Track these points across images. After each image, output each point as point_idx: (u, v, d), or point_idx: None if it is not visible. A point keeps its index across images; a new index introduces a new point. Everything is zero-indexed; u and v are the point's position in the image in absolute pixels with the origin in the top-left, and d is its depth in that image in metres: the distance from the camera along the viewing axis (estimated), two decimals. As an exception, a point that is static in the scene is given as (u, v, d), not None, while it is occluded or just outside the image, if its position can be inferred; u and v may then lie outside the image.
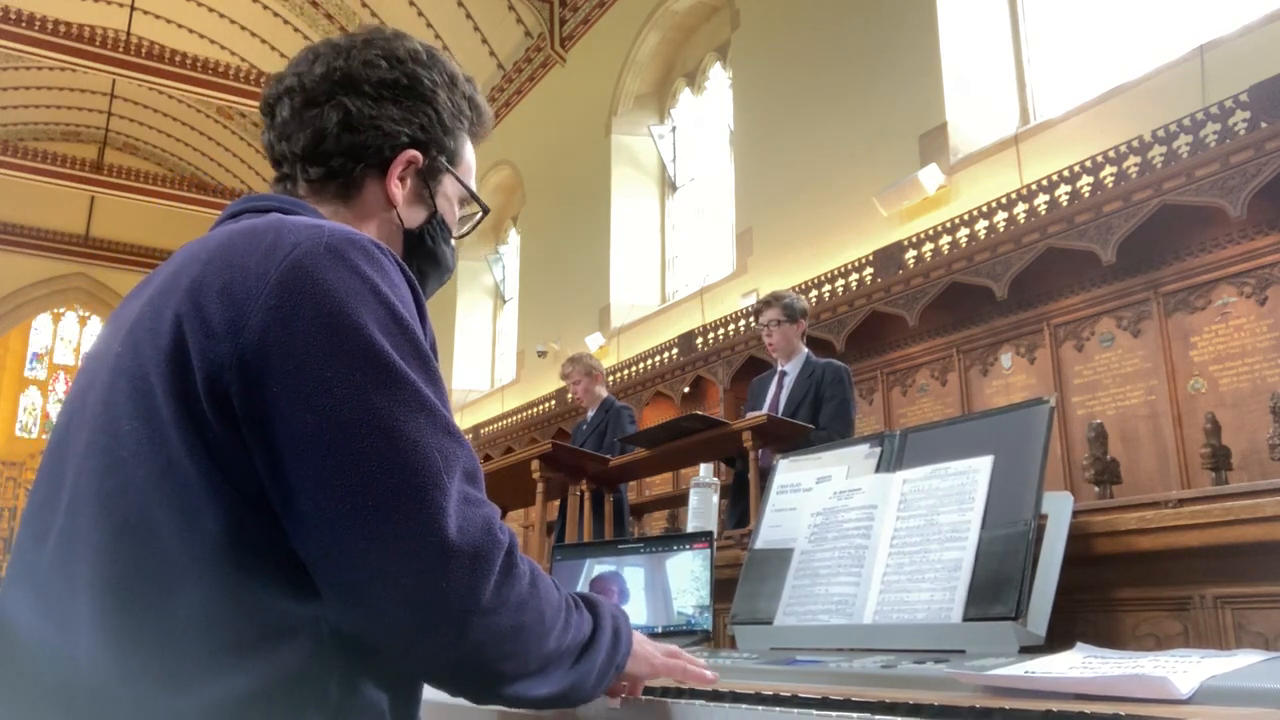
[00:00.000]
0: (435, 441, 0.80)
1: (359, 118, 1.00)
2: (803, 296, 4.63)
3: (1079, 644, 1.12)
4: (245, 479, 0.79)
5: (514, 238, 12.96)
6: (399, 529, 0.77)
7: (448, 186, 1.09)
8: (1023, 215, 5.58)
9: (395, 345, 0.81)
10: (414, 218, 1.07)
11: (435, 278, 1.12)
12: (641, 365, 8.82)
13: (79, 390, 0.91)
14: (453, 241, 1.12)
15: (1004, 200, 5.74)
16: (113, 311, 0.98)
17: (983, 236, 5.78)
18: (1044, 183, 5.52)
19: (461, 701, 0.86)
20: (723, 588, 1.90)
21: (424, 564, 0.77)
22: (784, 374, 4.05)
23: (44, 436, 19.72)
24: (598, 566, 1.94)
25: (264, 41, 14.60)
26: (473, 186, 1.12)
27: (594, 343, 9.73)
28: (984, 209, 5.84)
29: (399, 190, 1.04)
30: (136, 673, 0.75)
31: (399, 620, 0.78)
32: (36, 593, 0.82)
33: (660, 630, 1.80)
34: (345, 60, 1.02)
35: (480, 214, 1.16)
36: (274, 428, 0.78)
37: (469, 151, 1.12)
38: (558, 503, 4.88)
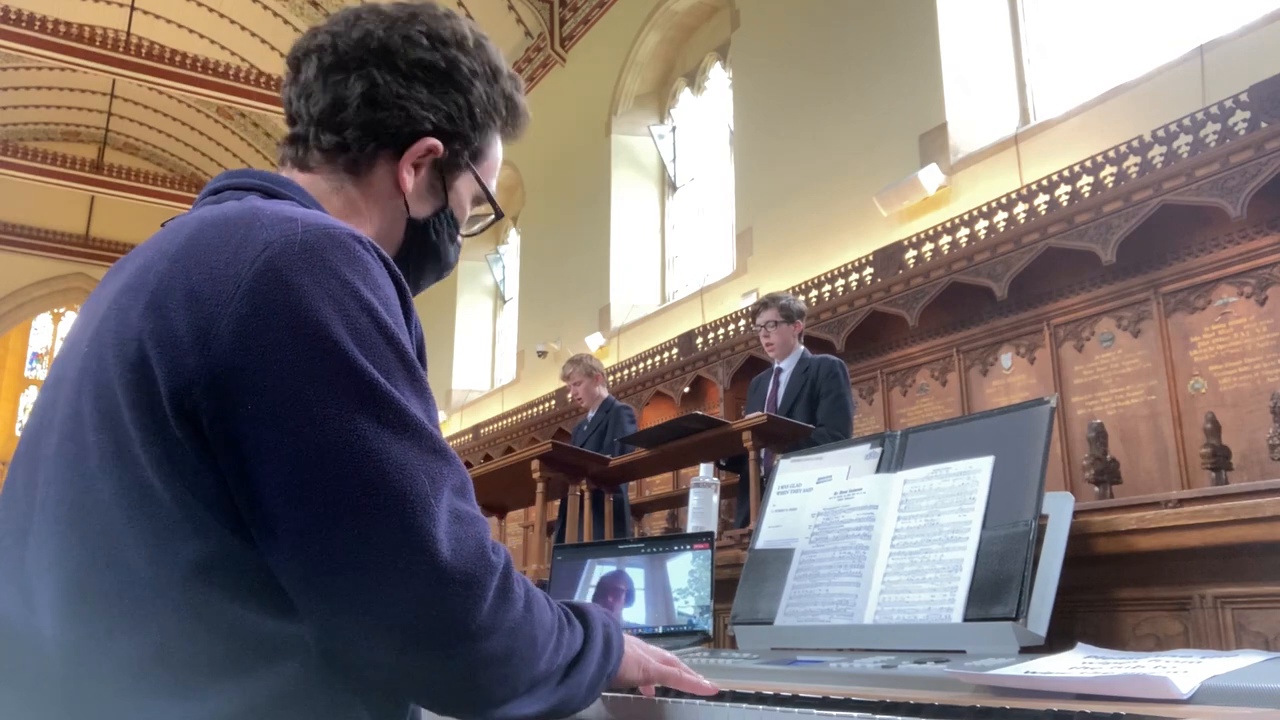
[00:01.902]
0: (422, 463, 0.76)
1: (384, 93, 0.95)
2: (799, 297, 4.65)
3: (1079, 644, 1.13)
4: (218, 499, 0.75)
5: (514, 238, 12.96)
6: (388, 557, 0.73)
7: (464, 182, 1.03)
8: (1023, 215, 5.59)
9: (378, 359, 0.77)
10: (422, 208, 1.01)
11: (433, 273, 1.06)
12: (641, 365, 8.82)
13: (51, 384, 0.86)
14: (459, 239, 1.07)
15: (1004, 200, 5.74)
16: (95, 290, 0.92)
17: (983, 236, 5.78)
18: (1044, 183, 5.52)
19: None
20: (723, 588, 1.90)
21: (416, 590, 0.74)
22: (780, 371, 4.08)
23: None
24: (598, 567, 1.94)
25: (264, 41, 14.59)
26: (492, 187, 1.05)
27: (594, 343, 9.73)
28: (984, 209, 5.84)
29: (410, 177, 0.98)
30: (117, 691, 0.72)
31: (388, 645, 0.75)
32: (22, 591, 0.79)
33: (660, 631, 1.80)
34: (386, 30, 0.96)
35: (493, 216, 1.10)
36: (248, 450, 0.73)
37: (496, 150, 1.05)
38: (558, 503, 4.88)
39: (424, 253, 1.03)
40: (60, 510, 0.78)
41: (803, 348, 4.11)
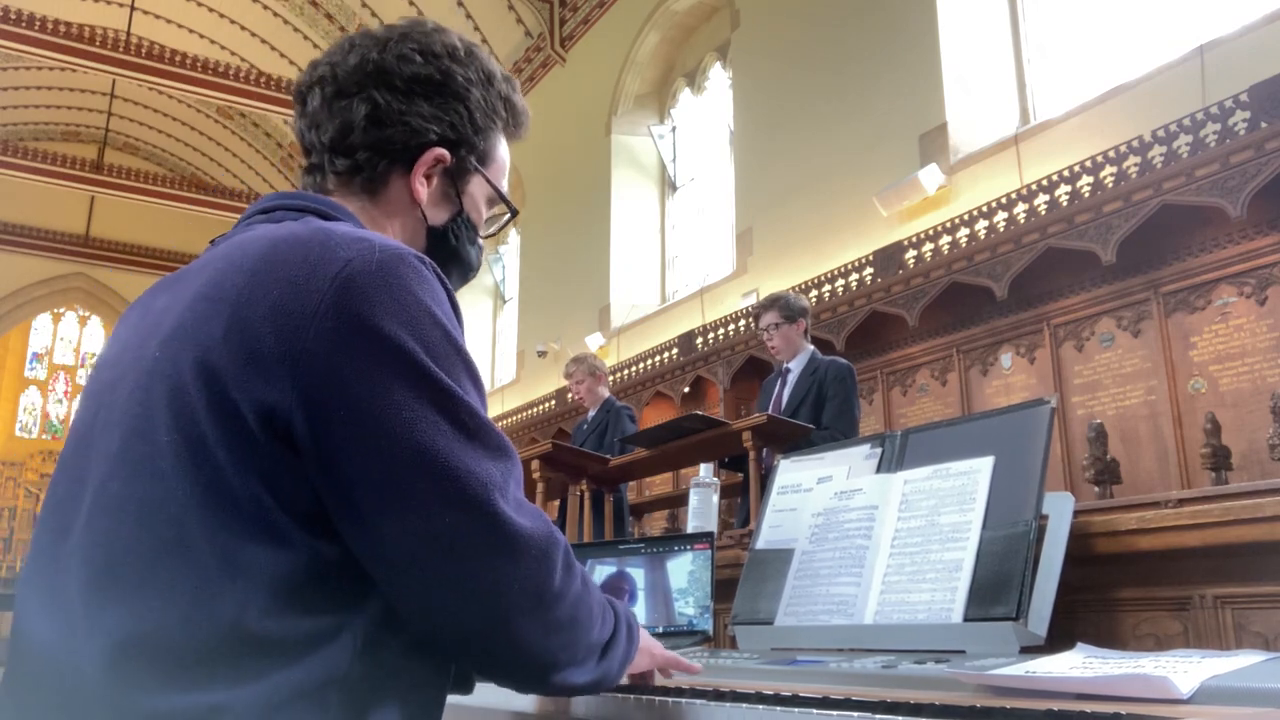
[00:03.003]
0: (492, 460, 0.85)
1: (387, 112, 1.00)
2: (802, 296, 4.63)
3: (1079, 644, 1.13)
4: (296, 499, 0.80)
5: (514, 238, 12.96)
6: (478, 541, 0.82)
7: (475, 186, 1.08)
8: (1023, 215, 5.59)
9: (451, 369, 0.84)
10: (439, 216, 1.06)
11: (459, 276, 1.11)
12: (641, 365, 8.82)
13: (105, 385, 0.89)
14: (479, 241, 1.11)
15: (1004, 200, 5.74)
16: (139, 302, 0.97)
17: (983, 236, 5.78)
18: (1044, 183, 5.52)
19: (472, 704, 0.88)
20: (723, 588, 1.90)
21: (503, 567, 0.83)
22: (788, 370, 4.05)
23: (44, 436, 19.73)
24: (598, 567, 1.94)
25: (264, 41, 14.60)
26: (503, 187, 1.11)
27: (594, 343, 9.73)
28: (984, 209, 5.84)
29: (423, 188, 1.03)
30: (153, 681, 0.75)
31: (476, 621, 0.84)
32: (55, 590, 0.82)
33: (661, 631, 1.80)
34: (380, 53, 1.01)
35: (509, 215, 1.15)
36: (342, 455, 0.79)
37: (502, 151, 1.10)
38: (558, 503, 4.88)
39: (447, 258, 1.08)
40: (127, 506, 0.81)
41: (812, 348, 4.05)
